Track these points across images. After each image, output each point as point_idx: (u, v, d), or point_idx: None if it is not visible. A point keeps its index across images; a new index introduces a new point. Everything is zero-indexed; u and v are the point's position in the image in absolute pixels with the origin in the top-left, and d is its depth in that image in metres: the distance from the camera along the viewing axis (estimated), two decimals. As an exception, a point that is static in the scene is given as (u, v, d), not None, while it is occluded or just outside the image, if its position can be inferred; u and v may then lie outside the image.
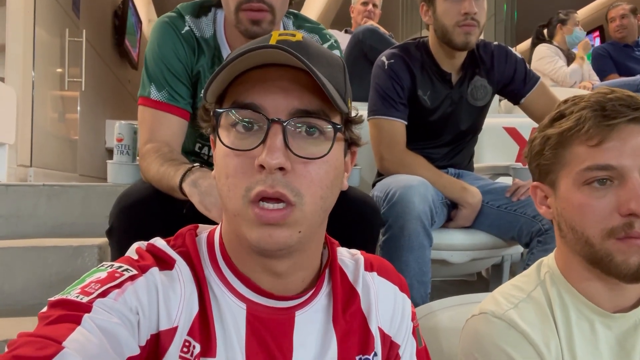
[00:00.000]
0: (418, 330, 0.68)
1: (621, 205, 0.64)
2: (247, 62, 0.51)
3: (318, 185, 0.52)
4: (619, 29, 3.55)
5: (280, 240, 0.51)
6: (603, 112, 0.66)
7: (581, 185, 0.67)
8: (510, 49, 1.62)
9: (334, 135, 0.53)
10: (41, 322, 0.46)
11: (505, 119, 2.31)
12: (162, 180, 0.96)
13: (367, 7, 3.10)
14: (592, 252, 0.67)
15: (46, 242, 1.69)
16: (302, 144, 0.52)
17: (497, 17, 4.54)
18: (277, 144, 0.50)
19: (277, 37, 0.54)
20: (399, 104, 1.50)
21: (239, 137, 0.52)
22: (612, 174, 0.65)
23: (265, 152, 0.49)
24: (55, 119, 3.51)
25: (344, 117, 0.57)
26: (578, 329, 0.70)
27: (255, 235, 0.51)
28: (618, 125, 0.65)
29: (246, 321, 0.55)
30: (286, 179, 0.50)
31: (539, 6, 5.54)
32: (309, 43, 0.55)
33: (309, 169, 0.51)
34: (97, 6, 4.62)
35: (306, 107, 0.51)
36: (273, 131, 0.50)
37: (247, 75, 0.53)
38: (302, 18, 1.26)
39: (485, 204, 1.46)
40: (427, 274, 1.30)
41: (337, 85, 0.54)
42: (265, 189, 0.49)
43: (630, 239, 0.64)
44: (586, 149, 0.67)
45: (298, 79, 0.51)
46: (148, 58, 1.12)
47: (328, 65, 0.55)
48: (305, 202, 0.51)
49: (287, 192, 0.50)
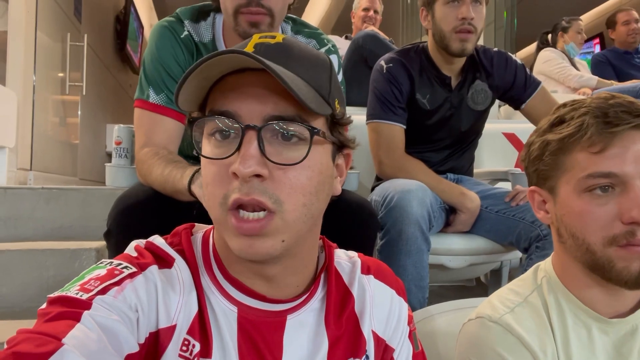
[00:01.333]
0: (415, 334, 0.68)
1: (623, 214, 0.63)
2: (220, 68, 0.51)
3: (300, 192, 0.51)
4: (632, 33, 3.50)
5: (262, 251, 0.50)
6: (605, 118, 0.65)
7: (582, 192, 0.67)
8: (510, 55, 1.62)
9: (311, 139, 0.51)
10: (40, 318, 0.46)
11: (505, 125, 2.32)
12: (166, 183, 0.96)
13: (368, 13, 3.11)
14: (593, 259, 0.66)
15: (44, 245, 1.69)
16: (279, 150, 0.51)
17: (497, 23, 4.55)
18: (251, 151, 0.49)
19: (256, 39, 0.54)
20: (397, 108, 1.50)
21: (216, 145, 0.52)
22: (614, 182, 0.65)
23: (238, 161, 0.49)
24: (56, 123, 3.52)
25: (329, 119, 0.56)
26: (575, 334, 0.70)
27: (236, 246, 0.51)
28: (620, 133, 0.64)
29: (237, 323, 0.55)
30: (264, 185, 0.49)
31: (538, 13, 5.56)
32: (290, 44, 0.54)
33: (288, 176, 0.50)
34: (99, 11, 4.64)
35: (281, 112, 0.50)
36: (247, 138, 0.50)
37: (224, 81, 0.52)
38: (300, 23, 1.27)
39: (484, 209, 1.46)
40: (425, 279, 1.30)
41: (319, 86, 0.54)
42: (241, 197, 0.49)
43: (632, 247, 0.63)
44: (588, 155, 0.66)
45: (273, 84, 0.50)
46: (147, 61, 1.12)
47: (310, 66, 0.54)
48: (285, 209, 0.50)
49: (264, 199, 0.49)
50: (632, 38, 3.52)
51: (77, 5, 3.88)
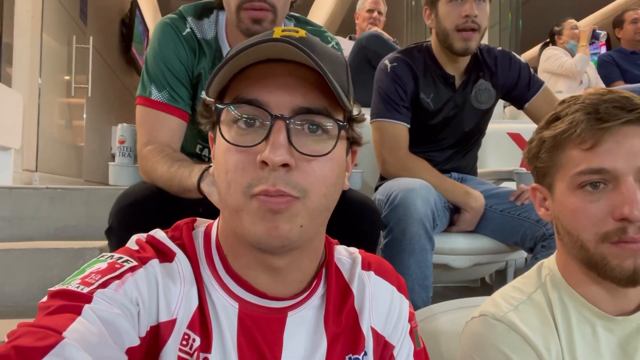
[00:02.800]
0: (416, 331, 0.67)
1: (614, 210, 0.63)
2: (249, 57, 0.51)
3: (322, 183, 0.51)
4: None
5: (283, 233, 0.50)
6: (596, 114, 0.64)
7: (575, 188, 0.66)
8: (514, 54, 1.61)
9: (338, 133, 0.52)
10: (41, 312, 0.46)
11: (510, 125, 2.31)
12: (172, 180, 0.96)
13: (372, 14, 3.11)
14: (588, 256, 0.66)
15: (48, 244, 1.70)
16: (305, 142, 0.51)
17: (502, 24, 4.54)
18: (280, 140, 0.49)
19: (280, 32, 0.53)
20: (401, 107, 1.50)
21: (240, 132, 0.52)
22: (606, 177, 0.64)
23: (268, 149, 0.49)
24: (62, 125, 3.54)
25: (347, 115, 0.56)
26: (579, 332, 0.69)
27: (259, 229, 0.50)
28: (611, 128, 0.64)
29: (238, 319, 0.55)
30: (289, 176, 0.49)
31: (543, 14, 5.54)
32: (313, 40, 0.54)
33: (313, 166, 0.51)
34: (104, 14, 4.67)
35: (310, 104, 0.51)
36: (276, 128, 0.50)
37: (249, 70, 0.52)
38: (303, 21, 1.27)
39: (488, 208, 1.45)
40: (428, 278, 1.29)
41: (341, 83, 0.54)
42: (268, 188, 0.49)
43: (624, 244, 0.63)
44: (580, 152, 0.66)
45: (302, 76, 0.51)
46: (149, 58, 1.12)
47: (332, 63, 0.54)
48: (309, 197, 0.51)
49: (289, 189, 0.49)
50: (639, 36, 3.51)
51: (82, 7, 3.91)
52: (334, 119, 0.52)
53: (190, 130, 1.17)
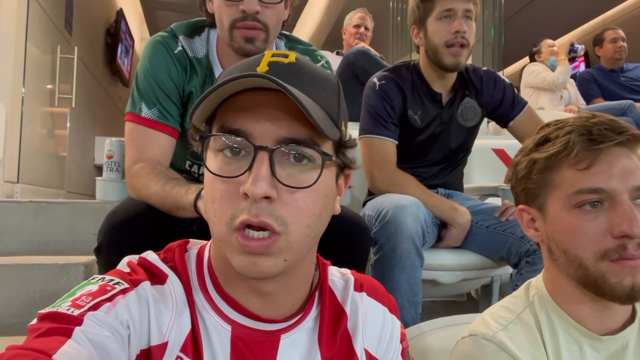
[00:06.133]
0: (408, 352, 0.67)
1: (613, 228, 0.64)
2: (234, 87, 0.51)
3: (305, 214, 0.51)
4: (619, 50, 3.59)
5: (264, 270, 0.50)
6: (590, 136, 0.67)
7: (572, 208, 0.68)
8: (498, 75, 1.66)
9: (322, 164, 0.52)
10: (31, 334, 0.46)
11: (494, 141, 2.34)
12: (166, 198, 0.95)
13: (359, 29, 3.15)
14: (586, 275, 0.67)
15: (31, 259, 1.66)
16: (290, 172, 0.51)
17: (485, 41, 4.63)
18: (262, 172, 0.49)
19: (269, 58, 0.53)
20: (389, 124, 1.52)
21: (225, 161, 0.52)
22: (603, 197, 0.66)
23: (250, 181, 0.49)
24: (44, 135, 3.49)
25: (336, 141, 0.56)
26: (567, 351, 0.70)
27: (240, 263, 0.50)
28: (605, 149, 0.66)
29: (231, 342, 0.55)
30: (272, 207, 0.49)
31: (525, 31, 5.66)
32: (302, 65, 0.54)
33: (296, 198, 0.51)
34: (89, 24, 4.64)
35: (294, 135, 0.51)
36: (259, 159, 0.50)
37: (236, 98, 0.52)
38: (294, 40, 1.28)
39: (474, 224, 1.47)
40: (418, 295, 1.29)
41: (330, 109, 0.54)
42: (250, 218, 0.49)
43: (623, 261, 0.64)
44: (575, 172, 0.68)
45: (288, 105, 0.50)
46: (139, 76, 1.12)
47: (322, 88, 0.54)
48: (290, 231, 0.50)
49: (272, 221, 0.49)
50: (618, 55, 3.61)
51: (68, 17, 3.88)
52: (319, 151, 0.51)
53: (179, 147, 1.16)
